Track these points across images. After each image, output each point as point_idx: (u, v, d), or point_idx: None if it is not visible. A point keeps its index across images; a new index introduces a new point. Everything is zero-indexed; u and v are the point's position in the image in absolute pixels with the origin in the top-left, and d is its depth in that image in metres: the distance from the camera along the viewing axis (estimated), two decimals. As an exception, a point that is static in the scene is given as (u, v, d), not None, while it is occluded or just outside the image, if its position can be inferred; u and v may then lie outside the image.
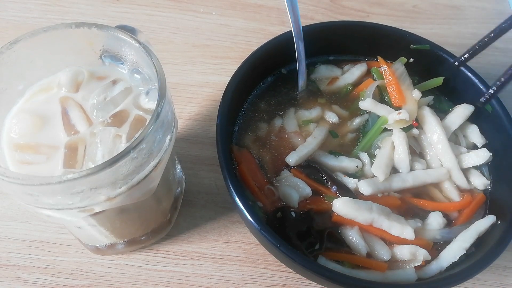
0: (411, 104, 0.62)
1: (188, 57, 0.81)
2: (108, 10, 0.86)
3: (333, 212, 0.56)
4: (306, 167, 0.60)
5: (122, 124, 0.47)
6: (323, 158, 0.62)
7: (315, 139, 0.62)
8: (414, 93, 0.63)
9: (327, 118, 0.66)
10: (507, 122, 0.61)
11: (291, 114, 0.66)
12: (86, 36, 0.48)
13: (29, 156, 0.45)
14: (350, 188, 0.59)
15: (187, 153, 0.71)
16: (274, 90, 0.69)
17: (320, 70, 0.70)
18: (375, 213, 0.55)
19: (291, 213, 0.56)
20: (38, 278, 0.59)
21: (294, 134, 0.64)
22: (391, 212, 0.57)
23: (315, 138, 0.62)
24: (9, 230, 0.62)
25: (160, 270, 0.61)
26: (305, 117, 0.65)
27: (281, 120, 0.65)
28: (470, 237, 0.56)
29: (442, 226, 0.58)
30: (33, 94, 0.49)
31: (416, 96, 0.62)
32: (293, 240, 0.54)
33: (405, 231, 0.55)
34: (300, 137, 0.63)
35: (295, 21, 0.62)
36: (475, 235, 0.56)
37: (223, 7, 0.88)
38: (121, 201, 0.45)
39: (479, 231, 0.57)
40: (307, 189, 0.58)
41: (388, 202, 0.58)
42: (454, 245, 0.56)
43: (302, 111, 0.66)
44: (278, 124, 0.65)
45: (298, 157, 0.60)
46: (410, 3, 0.94)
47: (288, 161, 0.60)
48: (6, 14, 0.83)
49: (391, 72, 0.65)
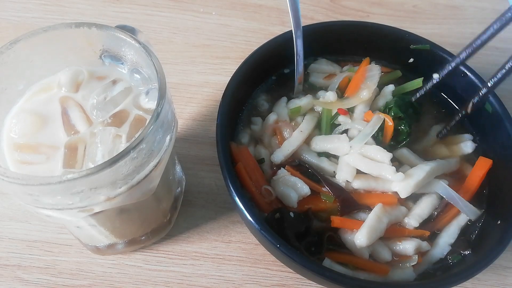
0: (357, 99, 0.64)
1: (188, 57, 0.81)
2: (108, 10, 0.86)
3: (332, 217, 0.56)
4: (298, 166, 0.60)
5: (122, 124, 0.47)
6: (307, 156, 0.61)
7: (302, 134, 0.62)
8: (364, 93, 0.63)
9: (316, 109, 0.66)
10: (507, 122, 0.61)
11: (283, 103, 0.66)
12: (86, 36, 0.48)
13: (29, 156, 0.45)
14: (343, 187, 0.59)
15: (187, 153, 0.71)
16: (274, 90, 0.69)
17: (320, 63, 0.70)
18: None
19: (290, 213, 0.56)
20: (38, 278, 0.59)
21: (284, 124, 0.63)
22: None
23: (301, 132, 0.62)
24: (9, 230, 0.62)
25: (160, 270, 0.61)
26: (295, 104, 0.65)
27: (276, 115, 0.64)
28: (453, 233, 0.58)
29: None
30: (33, 94, 0.49)
31: (364, 96, 0.63)
32: (292, 240, 0.54)
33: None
34: (290, 129, 0.62)
35: (296, 21, 0.62)
36: (457, 230, 0.58)
37: (223, 7, 0.88)
38: (121, 201, 0.45)
39: (461, 226, 0.58)
40: (306, 188, 0.57)
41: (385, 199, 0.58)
42: (440, 241, 0.58)
43: (293, 100, 0.66)
44: (273, 118, 0.64)
45: (283, 156, 0.60)
46: (410, 3, 0.94)
47: (273, 159, 0.60)
48: (6, 14, 0.83)
49: (362, 70, 0.66)
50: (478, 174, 0.61)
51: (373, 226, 0.54)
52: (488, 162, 0.62)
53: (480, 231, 0.59)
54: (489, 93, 0.61)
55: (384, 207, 0.56)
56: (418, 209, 0.58)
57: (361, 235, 0.54)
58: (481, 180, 0.61)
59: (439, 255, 0.57)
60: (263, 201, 0.58)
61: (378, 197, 0.58)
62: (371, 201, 0.58)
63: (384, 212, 0.56)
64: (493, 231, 0.57)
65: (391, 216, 0.57)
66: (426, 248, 0.57)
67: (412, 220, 0.57)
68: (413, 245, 0.56)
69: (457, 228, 0.58)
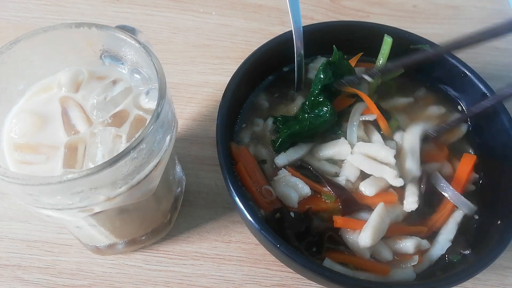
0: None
1: (188, 57, 0.81)
2: (108, 10, 0.86)
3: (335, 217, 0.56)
4: (299, 167, 0.60)
5: (122, 124, 0.47)
6: (310, 159, 0.62)
7: (307, 145, 0.62)
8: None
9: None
10: (507, 122, 0.61)
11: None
12: (86, 36, 0.48)
13: (29, 156, 0.45)
14: (344, 186, 0.58)
15: (187, 153, 0.71)
16: (274, 90, 0.69)
17: (319, 61, 0.70)
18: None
19: (290, 213, 0.56)
20: (38, 278, 0.59)
21: None
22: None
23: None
24: (9, 230, 0.62)
25: (160, 270, 0.61)
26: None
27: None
28: (452, 229, 0.58)
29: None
30: (33, 94, 0.49)
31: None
32: (292, 240, 0.54)
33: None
34: None
35: (296, 21, 0.62)
36: (456, 227, 0.58)
37: (223, 7, 0.88)
38: (121, 201, 0.45)
39: (458, 222, 0.59)
40: (306, 189, 0.58)
41: (386, 198, 0.58)
42: (440, 239, 0.58)
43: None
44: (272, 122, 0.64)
45: (287, 161, 0.60)
46: (410, 3, 0.94)
47: (276, 162, 0.61)
48: (6, 14, 0.83)
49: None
50: (465, 170, 0.62)
51: (376, 226, 0.54)
52: (472, 158, 0.63)
53: (480, 231, 0.59)
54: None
55: (386, 207, 0.56)
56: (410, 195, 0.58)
57: (365, 235, 0.54)
58: (468, 175, 0.62)
59: (440, 252, 0.57)
60: (263, 201, 0.58)
61: (379, 197, 0.58)
62: (372, 201, 0.58)
63: (386, 212, 0.56)
64: (493, 231, 0.57)
65: (393, 215, 0.57)
66: (426, 246, 0.57)
67: (410, 205, 0.57)
68: (413, 243, 0.55)
69: (455, 224, 0.59)
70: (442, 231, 0.59)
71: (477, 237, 0.58)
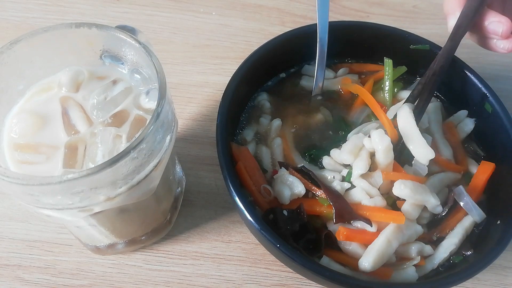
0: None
1: (188, 57, 0.81)
2: (108, 10, 0.86)
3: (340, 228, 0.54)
4: (299, 171, 0.59)
5: (122, 124, 0.47)
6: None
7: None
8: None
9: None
10: (507, 122, 0.61)
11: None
12: (86, 36, 0.48)
13: (29, 156, 0.45)
14: (341, 194, 0.57)
15: (187, 153, 0.71)
16: (274, 90, 0.69)
17: (308, 70, 0.70)
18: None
19: (283, 212, 0.55)
20: (38, 278, 0.59)
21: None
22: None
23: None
24: (9, 230, 0.62)
25: (160, 270, 0.61)
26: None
27: (279, 121, 0.65)
28: (458, 233, 0.57)
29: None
30: (33, 94, 0.49)
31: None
32: (288, 238, 0.53)
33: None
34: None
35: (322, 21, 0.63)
36: (463, 232, 0.57)
37: (223, 7, 0.88)
38: (121, 201, 0.45)
39: (465, 227, 0.58)
40: (300, 187, 0.56)
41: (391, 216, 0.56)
42: (445, 243, 0.57)
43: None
44: (277, 124, 0.64)
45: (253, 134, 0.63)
46: (410, 3, 0.94)
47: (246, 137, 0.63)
48: (6, 14, 0.83)
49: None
50: (481, 178, 0.60)
51: (382, 251, 0.51)
52: (490, 166, 0.61)
53: (481, 231, 0.59)
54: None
55: (397, 229, 0.51)
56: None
57: (366, 260, 0.51)
58: (484, 184, 0.60)
59: (443, 255, 0.56)
60: (263, 201, 0.58)
61: (381, 212, 0.54)
62: (371, 214, 0.54)
63: (396, 234, 0.52)
64: (493, 231, 0.57)
65: (403, 238, 0.53)
66: (430, 252, 0.56)
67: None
68: (416, 248, 0.55)
69: (462, 229, 0.57)
70: (448, 236, 0.58)
71: (477, 237, 0.58)
